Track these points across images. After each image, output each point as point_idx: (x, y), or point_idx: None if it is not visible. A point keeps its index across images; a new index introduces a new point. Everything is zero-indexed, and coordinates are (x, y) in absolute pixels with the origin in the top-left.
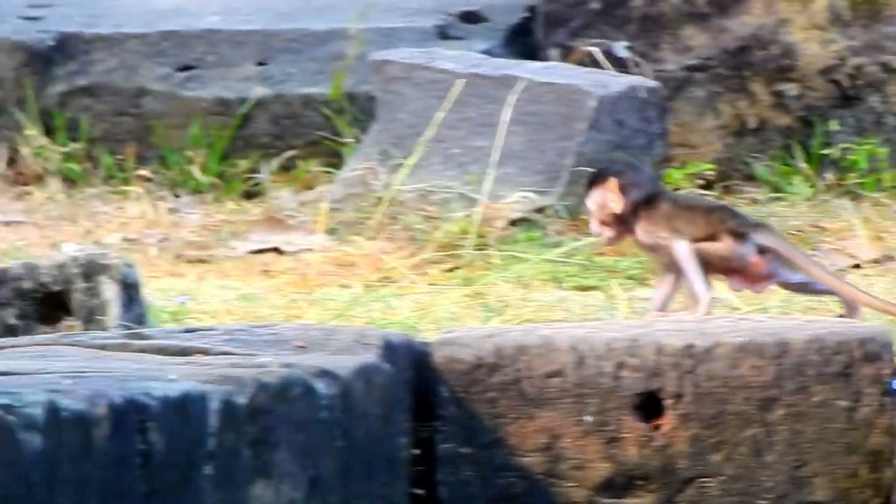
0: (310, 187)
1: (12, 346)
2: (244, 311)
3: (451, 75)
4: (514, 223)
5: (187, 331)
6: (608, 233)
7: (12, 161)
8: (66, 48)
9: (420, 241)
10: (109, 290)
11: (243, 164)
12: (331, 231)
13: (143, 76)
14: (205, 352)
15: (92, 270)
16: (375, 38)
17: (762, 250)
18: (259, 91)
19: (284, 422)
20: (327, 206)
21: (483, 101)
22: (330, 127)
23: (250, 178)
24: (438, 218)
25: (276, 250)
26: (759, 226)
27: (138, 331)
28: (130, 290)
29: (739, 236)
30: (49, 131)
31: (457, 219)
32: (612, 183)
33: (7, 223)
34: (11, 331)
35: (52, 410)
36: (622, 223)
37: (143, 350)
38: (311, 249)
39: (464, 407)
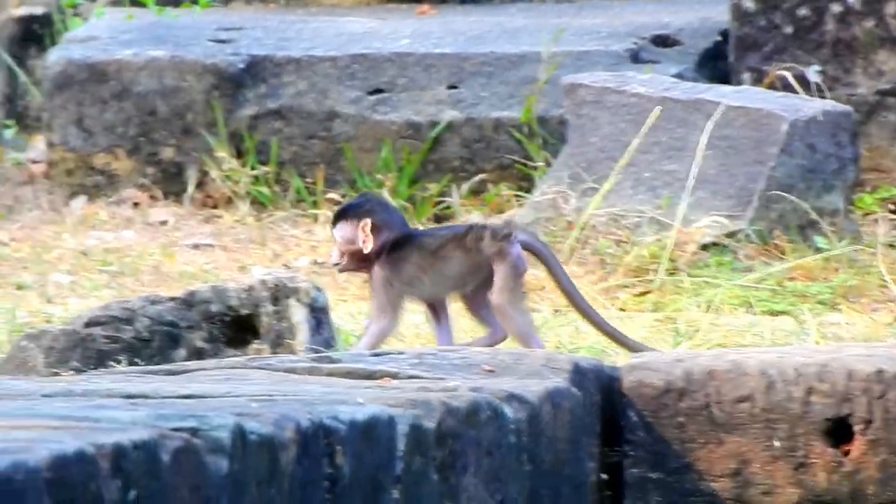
0: (500, 211)
1: (200, 369)
2: (431, 335)
3: (643, 99)
4: (704, 248)
5: (376, 354)
6: (344, 263)
7: (202, 184)
8: (256, 71)
9: (610, 266)
10: (298, 314)
11: (433, 187)
12: None
13: (333, 99)
14: (393, 375)
15: (280, 294)
16: (567, 61)
17: (524, 247)
18: (450, 114)
19: (472, 446)
20: None
21: (674, 126)
22: (521, 150)
23: (440, 202)
24: (629, 242)
25: None
26: (514, 225)
27: (326, 354)
28: (319, 314)
29: (505, 238)
30: (239, 154)
31: (647, 243)
32: (366, 223)
33: (196, 246)
34: (200, 354)
35: (239, 434)
36: (363, 259)
37: (331, 374)
38: None
39: (653, 432)
